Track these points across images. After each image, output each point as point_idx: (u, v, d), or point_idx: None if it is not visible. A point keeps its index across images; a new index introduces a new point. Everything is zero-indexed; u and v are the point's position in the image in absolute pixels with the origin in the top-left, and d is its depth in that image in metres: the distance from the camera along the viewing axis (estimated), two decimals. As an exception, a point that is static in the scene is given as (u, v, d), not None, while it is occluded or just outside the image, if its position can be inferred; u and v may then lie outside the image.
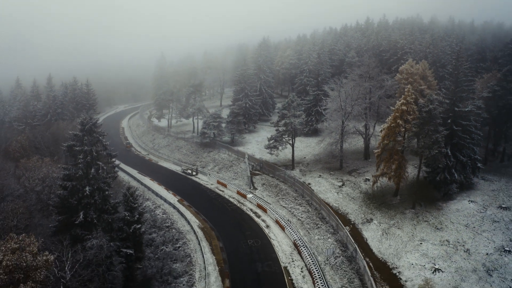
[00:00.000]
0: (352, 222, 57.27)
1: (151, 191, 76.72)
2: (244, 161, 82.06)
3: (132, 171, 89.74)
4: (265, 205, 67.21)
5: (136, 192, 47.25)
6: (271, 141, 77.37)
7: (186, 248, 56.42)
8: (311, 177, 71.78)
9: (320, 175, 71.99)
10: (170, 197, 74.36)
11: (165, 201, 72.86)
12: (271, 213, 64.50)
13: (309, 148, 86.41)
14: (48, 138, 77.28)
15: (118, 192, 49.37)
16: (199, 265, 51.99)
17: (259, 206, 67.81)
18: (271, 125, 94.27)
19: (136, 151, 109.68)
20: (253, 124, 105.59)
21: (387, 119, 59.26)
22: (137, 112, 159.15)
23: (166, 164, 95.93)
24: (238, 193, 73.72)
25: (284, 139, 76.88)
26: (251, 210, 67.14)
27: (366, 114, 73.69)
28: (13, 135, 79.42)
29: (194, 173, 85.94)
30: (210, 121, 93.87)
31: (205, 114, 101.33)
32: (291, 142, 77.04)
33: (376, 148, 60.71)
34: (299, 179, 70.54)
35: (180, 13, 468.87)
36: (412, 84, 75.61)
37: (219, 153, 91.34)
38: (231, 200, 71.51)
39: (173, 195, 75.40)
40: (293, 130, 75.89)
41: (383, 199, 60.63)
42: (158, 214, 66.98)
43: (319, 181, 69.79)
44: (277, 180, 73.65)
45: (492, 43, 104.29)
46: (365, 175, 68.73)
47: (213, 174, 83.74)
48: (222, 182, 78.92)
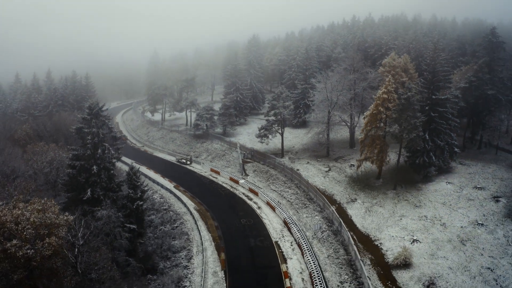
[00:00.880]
0: (338, 202, 61.68)
1: (148, 178, 79.97)
2: (236, 150, 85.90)
3: (129, 161, 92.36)
4: (257, 189, 71.10)
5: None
6: (262, 130, 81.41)
7: (184, 228, 60.16)
8: (300, 164, 76.01)
9: (308, 162, 76.25)
10: (167, 184, 77.97)
11: (162, 187, 76.48)
12: (262, 196, 68.44)
13: (298, 139, 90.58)
14: (51, 128, 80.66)
15: (119, 177, 52.98)
16: (196, 241, 55.80)
17: (251, 190, 71.72)
18: (262, 118, 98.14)
19: (132, 143, 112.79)
20: (244, 117, 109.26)
21: (370, 107, 63.96)
22: (130, 108, 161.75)
23: (161, 155, 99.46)
24: (231, 179, 77.56)
25: (274, 128, 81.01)
26: (244, 194, 71.05)
27: (351, 105, 78.00)
28: (17, 125, 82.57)
29: (189, 162, 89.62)
30: (203, 113, 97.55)
31: (198, 107, 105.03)
32: (281, 131, 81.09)
33: (360, 134, 65.32)
34: (288, 166, 74.68)
35: (172, 13, 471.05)
36: (394, 76, 79.68)
37: (212, 144, 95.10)
38: (225, 186, 75.33)
39: (169, 182, 78.97)
40: (283, 120, 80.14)
41: (367, 182, 65.10)
42: (156, 199, 70.55)
43: (307, 167, 74.05)
44: (268, 167, 77.73)
45: (471, 39, 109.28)
46: (350, 161, 72.89)
47: (207, 163, 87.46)
48: (216, 170, 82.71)
